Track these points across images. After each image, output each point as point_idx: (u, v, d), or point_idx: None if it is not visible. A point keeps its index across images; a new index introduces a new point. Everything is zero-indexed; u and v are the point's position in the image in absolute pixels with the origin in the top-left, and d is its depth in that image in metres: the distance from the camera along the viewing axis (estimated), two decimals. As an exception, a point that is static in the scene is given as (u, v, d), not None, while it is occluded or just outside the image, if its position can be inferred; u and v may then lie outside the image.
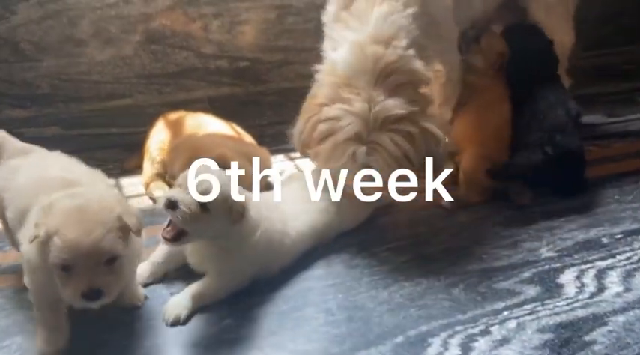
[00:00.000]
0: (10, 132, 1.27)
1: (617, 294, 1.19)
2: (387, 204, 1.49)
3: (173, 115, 1.63)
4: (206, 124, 1.57)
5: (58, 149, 1.25)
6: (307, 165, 1.62)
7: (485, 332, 1.10)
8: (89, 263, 0.95)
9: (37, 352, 1.06)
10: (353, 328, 1.12)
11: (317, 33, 1.55)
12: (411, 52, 1.33)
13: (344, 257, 1.35)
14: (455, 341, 1.08)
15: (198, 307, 1.16)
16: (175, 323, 1.13)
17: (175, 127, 1.57)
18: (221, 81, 2.11)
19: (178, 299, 1.16)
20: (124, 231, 1.00)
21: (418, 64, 1.33)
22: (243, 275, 1.20)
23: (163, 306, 1.15)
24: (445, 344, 1.08)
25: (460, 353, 1.06)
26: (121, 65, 1.99)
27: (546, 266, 1.28)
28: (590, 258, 1.30)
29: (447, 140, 1.40)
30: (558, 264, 1.29)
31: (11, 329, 1.13)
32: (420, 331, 1.11)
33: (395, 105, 1.29)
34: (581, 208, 1.49)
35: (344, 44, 1.35)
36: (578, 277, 1.25)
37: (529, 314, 1.14)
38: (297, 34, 2.11)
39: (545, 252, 1.33)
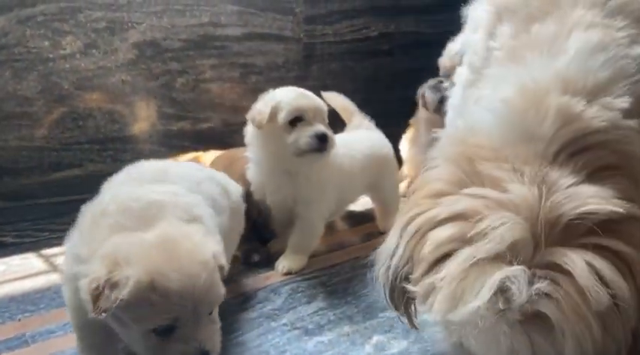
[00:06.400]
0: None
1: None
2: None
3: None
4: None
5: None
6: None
7: None
8: (196, 316, 0.72)
9: None
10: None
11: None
12: (632, 122, 0.76)
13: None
14: None
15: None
16: None
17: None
18: (182, 145, 1.89)
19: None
20: (221, 271, 0.80)
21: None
22: None
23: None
24: None
25: None
26: (72, 128, 1.68)
27: None
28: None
29: None
30: None
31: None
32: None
33: (596, 196, 0.69)
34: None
35: (503, 87, 0.81)
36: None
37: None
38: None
39: None
